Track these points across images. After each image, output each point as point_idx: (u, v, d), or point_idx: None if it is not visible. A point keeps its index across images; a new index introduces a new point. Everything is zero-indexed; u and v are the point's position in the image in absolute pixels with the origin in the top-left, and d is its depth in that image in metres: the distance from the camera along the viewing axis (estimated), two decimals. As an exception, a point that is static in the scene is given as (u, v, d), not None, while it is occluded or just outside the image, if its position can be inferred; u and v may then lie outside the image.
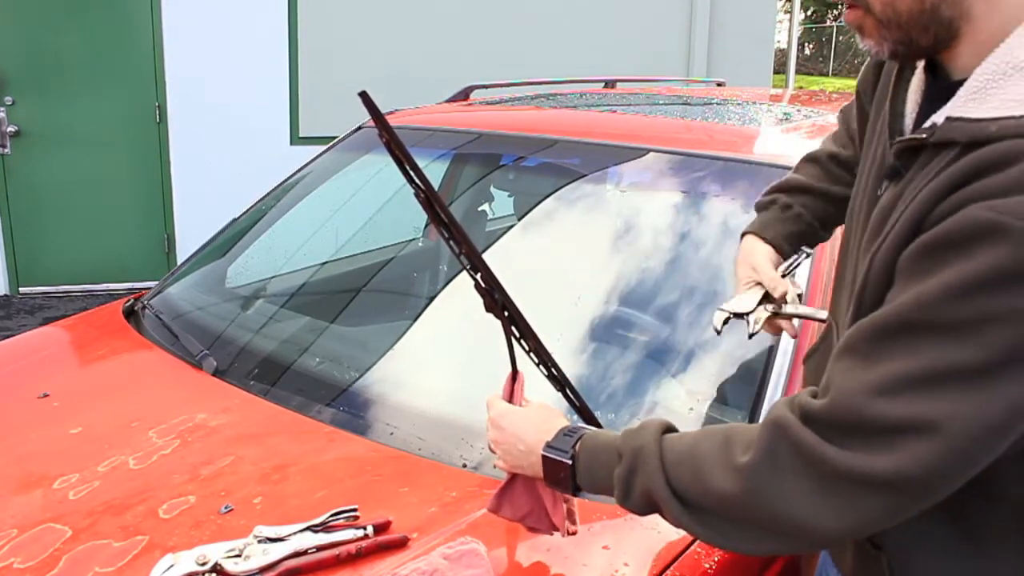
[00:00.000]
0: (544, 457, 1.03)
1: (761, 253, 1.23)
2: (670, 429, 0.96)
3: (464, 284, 1.13)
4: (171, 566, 1.13)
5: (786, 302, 1.16)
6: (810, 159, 1.33)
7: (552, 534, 1.14)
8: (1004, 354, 0.74)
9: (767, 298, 1.17)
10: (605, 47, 5.91)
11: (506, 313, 1.08)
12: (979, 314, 0.74)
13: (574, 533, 1.14)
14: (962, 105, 0.81)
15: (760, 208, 1.31)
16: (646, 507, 0.95)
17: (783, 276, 1.21)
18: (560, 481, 1.03)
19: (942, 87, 0.87)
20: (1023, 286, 0.72)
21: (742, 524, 0.88)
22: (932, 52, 0.86)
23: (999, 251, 0.72)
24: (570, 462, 1.01)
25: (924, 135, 0.83)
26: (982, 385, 0.75)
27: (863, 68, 1.16)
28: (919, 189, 0.82)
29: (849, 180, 1.23)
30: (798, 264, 1.23)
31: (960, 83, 0.83)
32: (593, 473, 0.99)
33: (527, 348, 1.11)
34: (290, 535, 1.17)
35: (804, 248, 1.25)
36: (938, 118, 0.83)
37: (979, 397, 0.75)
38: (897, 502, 0.80)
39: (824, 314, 1.15)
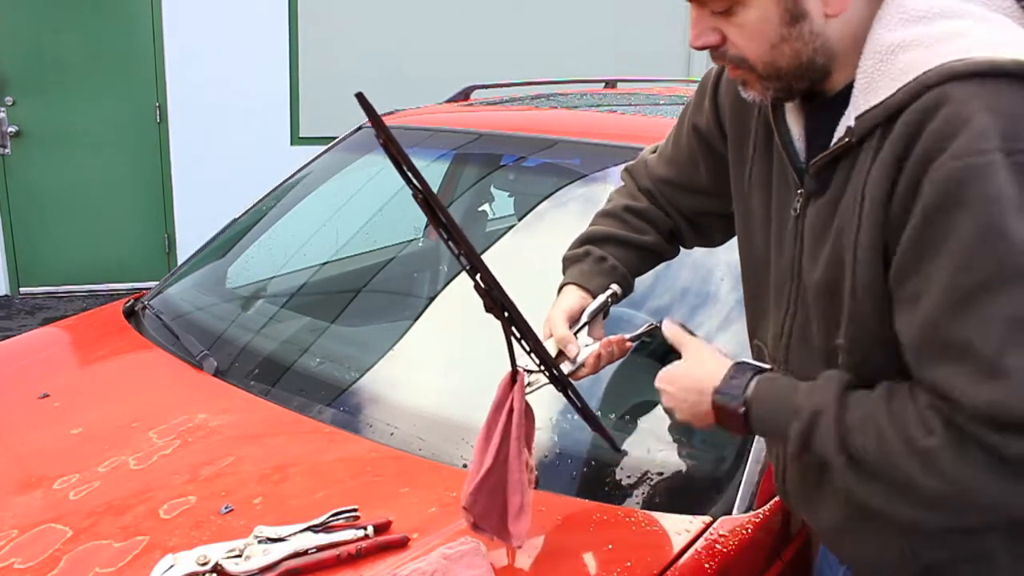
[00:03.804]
0: (715, 404, 1.03)
1: (562, 307, 1.22)
2: (849, 387, 0.93)
3: (464, 284, 1.13)
4: (171, 566, 1.13)
5: (573, 361, 1.19)
6: (606, 214, 1.32)
7: (495, 538, 1.15)
8: None
9: (562, 352, 1.19)
10: (605, 47, 5.91)
11: (506, 314, 1.08)
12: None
13: (519, 547, 1.15)
14: (862, 102, 0.88)
15: (572, 260, 1.29)
16: (818, 470, 1.00)
17: (588, 321, 1.22)
18: (734, 426, 1.03)
19: (824, 103, 0.95)
20: None
21: (918, 500, 0.87)
22: (809, 91, 0.95)
23: (994, 181, 0.77)
24: (743, 408, 1.00)
25: (847, 139, 0.89)
26: None
27: (693, 109, 1.22)
28: (866, 171, 0.87)
29: (645, 228, 1.30)
30: (603, 310, 1.23)
31: (841, 93, 0.92)
32: (766, 423, 1.00)
33: (527, 348, 1.11)
34: (290, 535, 1.17)
35: (613, 287, 1.24)
36: (848, 121, 0.89)
37: None
38: None
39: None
